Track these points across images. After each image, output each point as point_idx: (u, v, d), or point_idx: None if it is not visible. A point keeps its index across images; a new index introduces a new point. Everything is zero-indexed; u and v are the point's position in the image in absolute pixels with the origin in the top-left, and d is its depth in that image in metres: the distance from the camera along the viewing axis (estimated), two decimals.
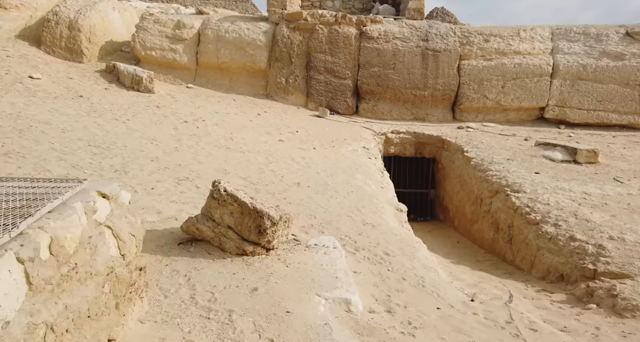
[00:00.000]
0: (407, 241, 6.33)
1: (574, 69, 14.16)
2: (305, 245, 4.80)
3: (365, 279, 4.93)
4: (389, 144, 13.50)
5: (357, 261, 5.34)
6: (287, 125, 12.16)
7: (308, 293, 3.65)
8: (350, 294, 3.85)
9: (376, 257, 5.56)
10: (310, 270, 4.08)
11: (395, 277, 5.13)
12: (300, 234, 5.69)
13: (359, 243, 5.83)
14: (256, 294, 3.47)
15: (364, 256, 5.51)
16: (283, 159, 9.02)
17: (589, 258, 6.41)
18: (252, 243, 4.08)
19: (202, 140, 9.10)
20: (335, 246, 4.93)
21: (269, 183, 7.42)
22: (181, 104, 12.03)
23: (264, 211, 3.97)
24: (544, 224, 7.47)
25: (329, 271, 4.17)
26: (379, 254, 5.66)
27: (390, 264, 5.44)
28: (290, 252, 4.46)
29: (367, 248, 5.75)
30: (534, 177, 9.40)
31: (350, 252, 5.55)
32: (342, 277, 4.11)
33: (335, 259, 4.50)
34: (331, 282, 3.97)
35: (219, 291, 3.45)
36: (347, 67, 14.63)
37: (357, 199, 7.54)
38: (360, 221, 6.60)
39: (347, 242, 5.79)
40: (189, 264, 3.81)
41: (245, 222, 4.01)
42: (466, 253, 9.31)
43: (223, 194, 4.01)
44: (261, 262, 4.02)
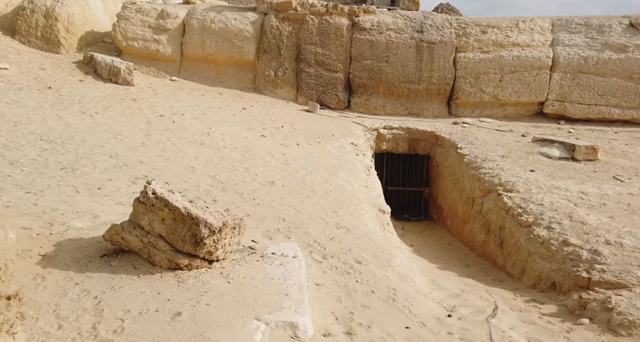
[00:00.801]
0: (384, 247, 5.79)
1: (575, 62, 13.55)
2: (261, 254, 4.26)
3: (328, 293, 4.39)
4: (381, 140, 12.94)
5: (323, 271, 4.80)
6: (272, 120, 11.62)
7: (245, 317, 3.11)
8: (298, 315, 3.31)
9: (345, 266, 5.02)
10: (256, 286, 3.54)
11: (363, 290, 4.59)
12: (263, 240, 5.16)
13: (329, 250, 5.30)
14: (177, 320, 2.91)
15: (332, 265, 4.97)
16: (261, 156, 8.48)
17: (583, 265, 5.86)
18: (187, 255, 3.53)
19: (175, 136, 8.57)
20: (295, 254, 4.39)
21: (239, 182, 6.88)
22: (161, 97, 11.49)
23: (200, 218, 3.42)
24: (536, 227, 6.91)
25: (280, 287, 3.63)
26: (350, 262, 5.12)
27: (360, 275, 4.90)
28: (239, 264, 3.91)
29: (337, 255, 5.21)
30: (529, 175, 8.84)
31: (317, 260, 5.01)
32: (293, 294, 3.57)
33: (292, 272, 3.96)
34: (278, 301, 3.43)
35: (131, 317, 2.90)
36: (339, 60, 14.06)
37: (335, 199, 7.00)
38: (335, 224, 6.06)
39: (315, 249, 5.25)
40: (105, 282, 3.26)
41: (178, 230, 3.46)
42: (456, 257, 8.76)
43: (151, 197, 3.45)
44: (197, 278, 3.47)
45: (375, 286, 4.70)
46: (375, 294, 4.55)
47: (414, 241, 9.91)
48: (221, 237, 3.68)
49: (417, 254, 8.61)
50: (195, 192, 6.05)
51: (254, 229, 5.41)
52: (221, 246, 3.74)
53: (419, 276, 5.94)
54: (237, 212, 5.66)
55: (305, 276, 4.55)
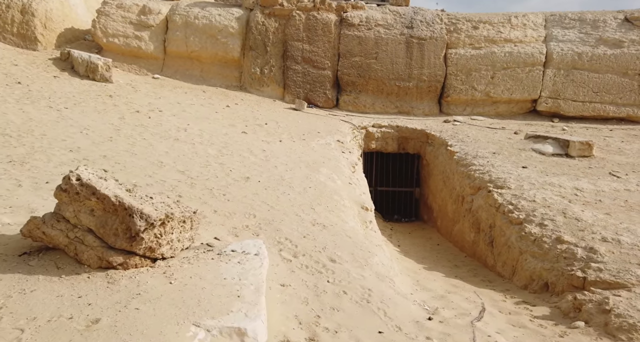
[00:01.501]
0: (363, 245, 5.36)
1: (569, 58, 13.17)
2: (218, 252, 3.82)
3: (294, 294, 3.96)
4: (370, 138, 12.52)
5: (291, 271, 4.37)
6: (256, 118, 11.19)
7: (181, 323, 2.66)
8: (248, 320, 2.86)
9: (317, 265, 4.59)
10: (203, 287, 3.09)
11: (334, 290, 4.15)
12: (228, 237, 4.73)
13: (301, 248, 4.86)
14: (93, 329, 2.44)
15: (302, 264, 4.54)
16: (239, 152, 8.05)
17: (578, 264, 5.44)
18: (122, 252, 3.07)
19: (149, 131, 8.14)
20: (258, 252, 3.95)
21: (211, 177, 6.45)
22: (141, 94, 11.06)
23: (135, 208, 2.96)
24: (528, 224, 6.49)
25: (232, 288, 3.19)
26: (322, 261, 4.68)
27: (333, 274, 4.46)
28: (189, 262, 3.47)
29: (309, 254, 4.77)
30: (521, 171, 8.43)
31: (286, 259, 4.58)
32: (247, 296, 3.13)
33: (250, 270, 3.52)
34: (227, 303, 2.99)
35: (35, 326, 2.42)
36: (327, 57, 13.65)
37: (314, 196, 6.57)
38: (310, 221, 5.63)
39: (286, 247, 4.82)
40: (16, 285, 2.79)
41: (109, 223, 3.01)
42: (444, 257, 8.33)
43: (75, 184, 2.99)
44: (132, 279, 3.02)
45: (348, 287, 4.27)
46: (347, 295, 4.12)
47: (401, 241, 9.48)
48: (165, 231, 3.24)
49: (404, 254, 8.19)
50: (159, 188, 5.62)
51: (220, 225, 4.99)
52: (166, 242, 3.30)
53: (401, 276, 5.53)
54: (203, 208, 5.24)
55: (271, 275, 4.13)
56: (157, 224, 3.13)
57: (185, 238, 3.56)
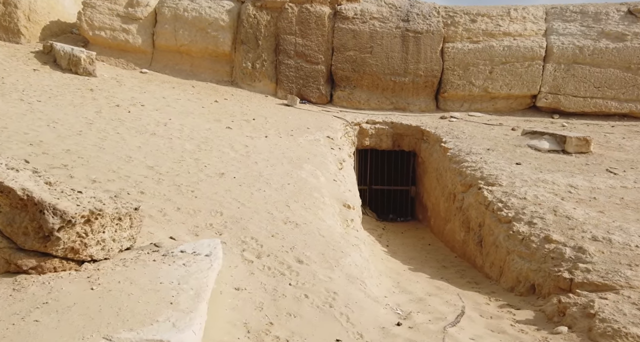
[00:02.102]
0: (336, 244, 5.02)
1: (570, 52, 12.76)
2: (163, 253, 3.49)
3: (248, 299, 3.62)
4: (364, 135, 12.18)
5: (251, 273, 4.03)
6: (244, 113, 10.87)
7: (87, 337, 2.31)
8: (175, 331, 2.53)
9: (282, 266, 4.25)
10: (130, 294, 2.76)
11: (295, 294, 3.82)
12: (187, 236, 4.41)
13: (266, 247, 4.53)
14: None
15: (265, 265, 4.20)
16: (219, 147, 7.73)
17: (565, 264, 5.09)
18: (36, 254, 2.73)
19: (124, 125, 7.82)
20: (210, 252, 3.62)
21: (182, 173, 6.13)
22: (125, 88, 10.76)
23: (46, 203, 2.63)
24: (517, 222, 6.14)
25: (166, 293, 2.86)
26: (288, 262, 4.35)
27: (298, 276, 4.13)
28: (124, 265, 3.14)
29: (275, 254, 4.44)
30: (514, 168, 8.07)
31: (248, 260, 4.25)
32: (183, 303, 2.80)
33: (194, 273, 3.19)
34: (154, 312, 2.65)
35: None
36: (320, 51, 13.30)
37: (291, 193, 6.24)
38: (283, 219, 5.30)
39: (250, 247, 4.49)
40: None
41: (17, 220, 2.67)
42: (433, 257, 7.99)
43: None
44: (45, 285, 2.68)
45: (311, 290, 3.94)
46: (308, 299, 3.79)
47: (391, 241, 9.14)
48: (93, 230, 2.92)
49: (391, 254, 7.85)
50: (121, 184, 5.31)
51: (180, 224, 4.66)
52: (96, 242, 2.97)
53: (380, 278, 5.19)
54: (166, 205, 4.92)
55: (225, 278, 3.81)
56: (79, 222, 2.80)
57: (123, 238, 3.24)
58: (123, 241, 3.26)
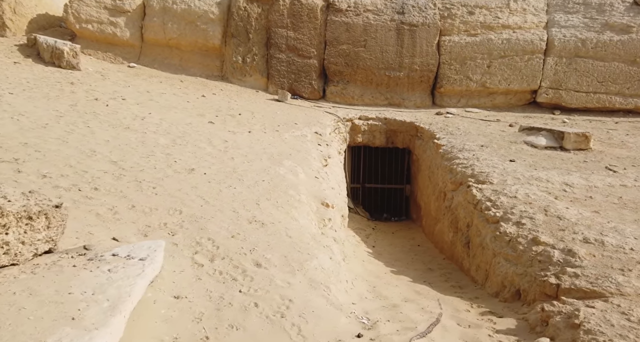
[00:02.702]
0: (303, 246, 4.63)
1: (572, 45, 12.30)
2: (90, 257, 3.11)
3: (187, 309, 3.24)
4: (356, 131, 11.78)
5: (197, 278, 3.65)
6: (231, 108, 10.50)
7: None
8: None
9: (236, 270, 3.87)
10: (22, 308, 2.37)
11: (243, 302, 3.44)
12: (132, 238, 4.03)
13: (223, 249, 4.15)
14: None
15: (216, 270, 3.82)
16: (196, 142, 7.36)
17: (553, 268, 4.69)
18: None
19: (98, 119, 7.47)
20: (147, 256, 3.25)
21: (147, 168, 5.76)
22: (109, 82, 10.41)
23: None
24: (505, 223, 5.72)
25: (71, 306, 2.48)
26: (244, 265, 3.97)
27: (251, 281, 3.75)
28: (33, 272, 2.76)
29: (231, 257, 4.06)
30: (507, 165, 7.65)
31: (198, 264, 3.86)
32: (89, 317, 2.42)
33: (117, 281, 2.82)
34: (45, 330, 2.26)
35: None
36: (312, 45, 12.90)
37: (264, 190, 5.85)
38: (248, 218, 4.91)
39: (204, 249, 4.11)
40: None
41: None
42: (420, 259, 7.59)
43: None
44: None
45: (264, 297, 3.55)
46: (258, 308, 3.40)
47: (379, 242, 8.75)
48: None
49: (376, 256, 7.46)
50: (75, 179, 4.94)
51: (131, 223, 4.28)
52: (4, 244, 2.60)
53: (347, 282, 4.78)
54: (119, 203, 4.55)
55: (165, 285, 3.43)
56: None
57: (38, 240, 2.87)
58: (38, 243, 2.89)
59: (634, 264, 4.45)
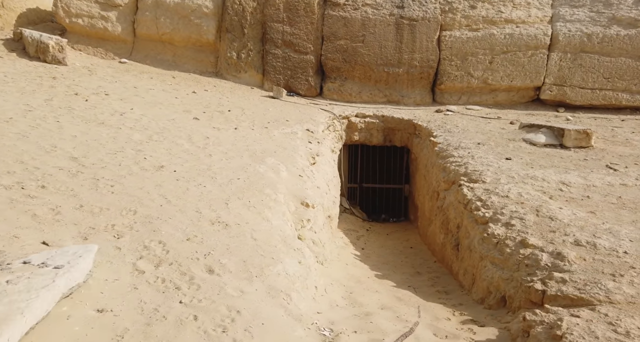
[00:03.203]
0: (268, 249, 4.27)
1: (577, 40, 11.83)
2: None
3: (108, 325, 2.89)
4: (353, 130, 11.40)
5: (133, 288, 3.30)
6: (221, 104, 10.16)
7: None
8: None
9: (182, 277, 3.52)
10: None
11: (181, 315, 3.08)
12: (69, 241, 3.69)
13: (173, 254, 3.80)
14: None
15: (159, 277, 3.47)
16: (174, 139, 7.03)
17: (540, 273, 4.30)
18: None
19: (72, 114, 7.17)
20: (67, 263, 2.91)
21: (111, 165, 5.43)
22: (95, 77, 10.12)
23: None
24: (493, 224, 5.34)
25: None
26: (194, 272, 3.62)
27: (197, 290, 3.40)
28: None
29: (180, 262, 3.71)
30: (502, 163, 7.25)
31: (139, 270, 3.52)
32: None
33: (11, 295, 2.48)
34: None
35: None
36: (309, 40, 12.53)
37: (238, 189, 5.50)
38: (211, 219, 4.56)
39: (151, 254, 3.76)
40: None
41: None
42: (410, 262, 7.21)
43: None
44: None
45: (207, 309, 3.20)
46: (197, 321, 3.05)
47: (370, 243, 8.38)
48: None
49: (362, 259, 7.08)
50: (23, 176, 4.63)
51: (72, 225, 3.95)
52: None
53: (317, 289, 4.41)
54: (64, 202, 4.22)
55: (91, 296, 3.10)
56: None
57: None
58: None
59: (626, 269, 4.05)
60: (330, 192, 8.24)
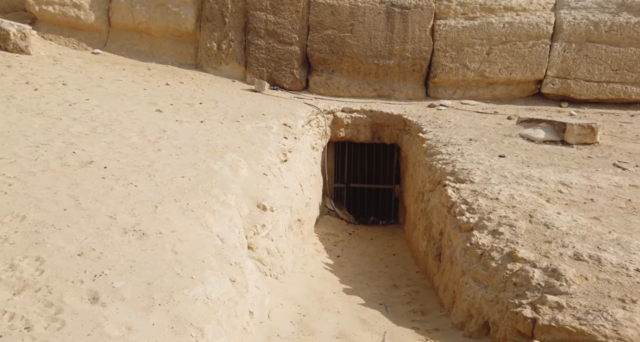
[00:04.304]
0: (191, 266, 3.43)
1: (582, 28, 10.94)
2: None
3: None
4: (338, 125, 10.57)
5: None
6: (193, 97, 9.35)
7: None
8: None
9: (45, 311, 2.70)
10: None
11: None
12: None
13: (49, 274, 2.97)
14: None
15: (8, 312, 2.64)
16: (122, 131, 6.22)
17: (531, 295, 3.46)
18: None
19: (9, 103, 6.40)
20: None
21: (22, 160, 4.63)
22: (58, 68, 9.35)
23: None
24: (478, 231, 4.48)
25: None
26: (67, 301, 2.79)
27: (57, 331, 2.57)
28: None
29: (52, 287, 2.89)
30: (495, 161, 6.39)
31: None
32: None
33: None
34: None
35: None
36: (294, 30, 11.69)
37: (178, 189, 4.67)
38: (125, 227, 3.72)
39: (14, 275, 2.93)
40: None
41: None
42: (389, 273, 6.36)
43: None
44: None
45: None
46: None
47: (348, 250, 7.53)
48: None
49: (334, 269, 6.23)
50: None
51: None
52: None
53: (246, 316, 3.57)
54: None
55: None
56: None
57: None
58: None
59: (639, 293, 3.19)
60: (304, 193, 7.42)
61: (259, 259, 4.72)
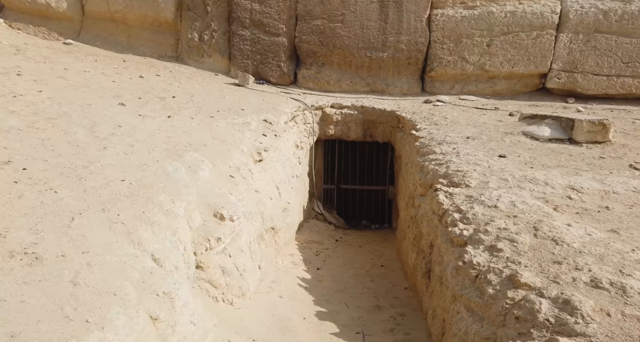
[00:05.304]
0: (94, 301, 2.65)
1: (591, 18, 10.11)
2: None
3: None
4: (327, 122, 9.77)
5: None
6: (166, 90, 8.56)
7: None
8: None
9: None
10: None
11: None
12: None
13: None
14: None
15: None
16: (67, 126, 5.43)
17: (538, 334, 2.68)
18: None
19: None
20: None
21: None
22: (18, 57, 8.57)
23: None
24: (473, 247, 3.68)
25: None
26: None
27: None
28: None
29: None
30: (494, 162, 5.59)
31: None
32: None
33: None
34: None
35: None
36: (281, 20, 10.87)
37: (111, 196, 3.88)
38: (13, 249, 2.93)
39: None
40: None
41: None
42: (374, 289, 5.56)
43: None
44: None
45: None
46: None
47: (331, 261, 6.74)
48: None
49: (310, 286, 5.44)
50: None
51: None
52: None
53: None
54: None
55: None
56: None
57: None
58: None
59: None
60: (281, 197, 6.62)
61: (210, 280, 3.94)
